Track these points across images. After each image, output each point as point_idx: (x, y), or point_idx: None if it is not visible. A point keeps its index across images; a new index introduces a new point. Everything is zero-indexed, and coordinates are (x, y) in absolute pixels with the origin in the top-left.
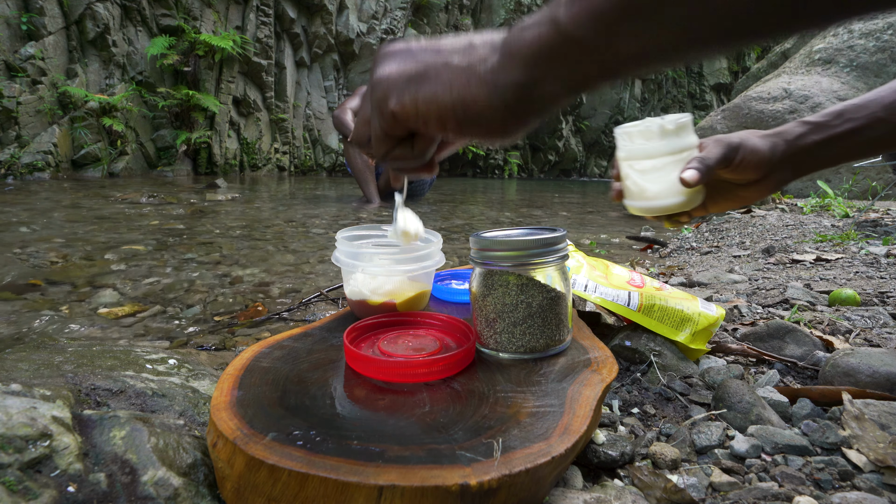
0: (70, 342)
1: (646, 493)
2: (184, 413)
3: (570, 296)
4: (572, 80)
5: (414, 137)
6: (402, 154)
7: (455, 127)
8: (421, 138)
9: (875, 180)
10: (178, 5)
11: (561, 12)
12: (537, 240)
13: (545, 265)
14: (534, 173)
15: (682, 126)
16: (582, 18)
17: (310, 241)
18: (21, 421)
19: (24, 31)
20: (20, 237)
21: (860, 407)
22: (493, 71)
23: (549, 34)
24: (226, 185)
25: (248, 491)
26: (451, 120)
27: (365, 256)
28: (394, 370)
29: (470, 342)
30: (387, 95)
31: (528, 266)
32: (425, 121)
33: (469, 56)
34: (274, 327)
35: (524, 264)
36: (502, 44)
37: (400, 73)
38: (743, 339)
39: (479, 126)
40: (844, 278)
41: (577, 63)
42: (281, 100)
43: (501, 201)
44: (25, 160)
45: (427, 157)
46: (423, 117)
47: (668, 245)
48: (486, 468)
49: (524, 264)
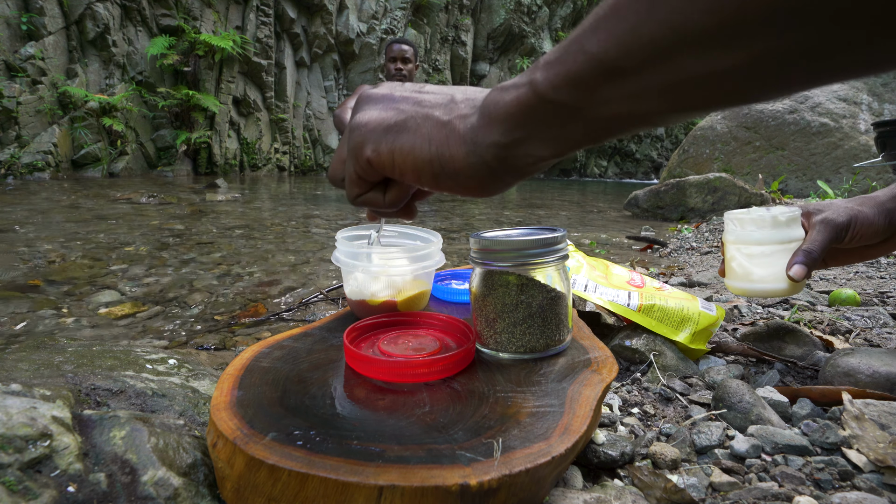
0: (70, 342)
1: (646, 493)
2: (184, 413)
3: (570, 296)
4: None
5: (388, 184)
6: (374, 199)
7: (431, 181)
8: (395, 186)
9: (875, 180)
10: (178, 5)
11: (538, 76)
12: (537, 240)
13: (545, 265)
14: None
15: (792, 219)
16: (558, 82)
17: (310, 241)
18: (21, 421)
19: (24, 31)
20: (20, 237)
21: (860, 407)
22: (472, 129)
23: (527, 97)
24: (226, 185)
25: (248, 491)
26: (427, 174)
27: (364, 256)
28: (393, 370)
29: (470, 342)
30: (364, 142)
31: (528, 266)
32: (401, 172)
33: (450, 112)
34: (274, 327)
35: (524, 264)
36: (482, 104)
37: (379, 120)
38: (743, 339)
39: (456, 182)
40: (844, 278)
41: (559, 126)
42: (281, 100)
43: (501, 201)
44: (25, 160)
45: (399, 204)
46: (398, 168)
47: (668, 245)
48: (486, 468)
49: (524, 264)
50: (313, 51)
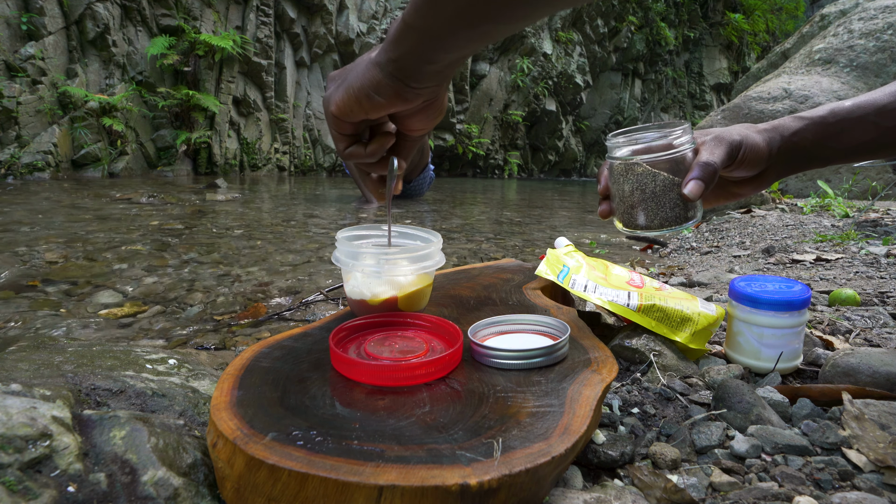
0: (70, 342)
1: (646, 493)
2: (184, 413)
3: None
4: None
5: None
6: (357, 151)
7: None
8: (375, 139)
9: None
10: (178, 5)
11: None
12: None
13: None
14: (534, 173)
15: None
16: (410, 8)
17: (310, 241)
18: (21, 421)
19: (24, 31)
20: (20, 237)
21: (860, 407)
22: (378, 57)
23: (398, 24)
24: (226, 185)
25: (248, 491)
26: (364, 99)
27: (364, 256)
28: (376, 374)
29: (457, 345)
30: (328, 102)
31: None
32: (350, 107)
33: (370, 55)
34: (274, 327)
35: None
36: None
37: (333, 84)
38: None
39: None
40: (844, 278)
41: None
42: (281, 100)
43: (501, 201)
44: (25, 160)
45: (377, 154)
46: (348, 105)
47: (668, 245)
48: (486, 468)
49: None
50: (313, 51)
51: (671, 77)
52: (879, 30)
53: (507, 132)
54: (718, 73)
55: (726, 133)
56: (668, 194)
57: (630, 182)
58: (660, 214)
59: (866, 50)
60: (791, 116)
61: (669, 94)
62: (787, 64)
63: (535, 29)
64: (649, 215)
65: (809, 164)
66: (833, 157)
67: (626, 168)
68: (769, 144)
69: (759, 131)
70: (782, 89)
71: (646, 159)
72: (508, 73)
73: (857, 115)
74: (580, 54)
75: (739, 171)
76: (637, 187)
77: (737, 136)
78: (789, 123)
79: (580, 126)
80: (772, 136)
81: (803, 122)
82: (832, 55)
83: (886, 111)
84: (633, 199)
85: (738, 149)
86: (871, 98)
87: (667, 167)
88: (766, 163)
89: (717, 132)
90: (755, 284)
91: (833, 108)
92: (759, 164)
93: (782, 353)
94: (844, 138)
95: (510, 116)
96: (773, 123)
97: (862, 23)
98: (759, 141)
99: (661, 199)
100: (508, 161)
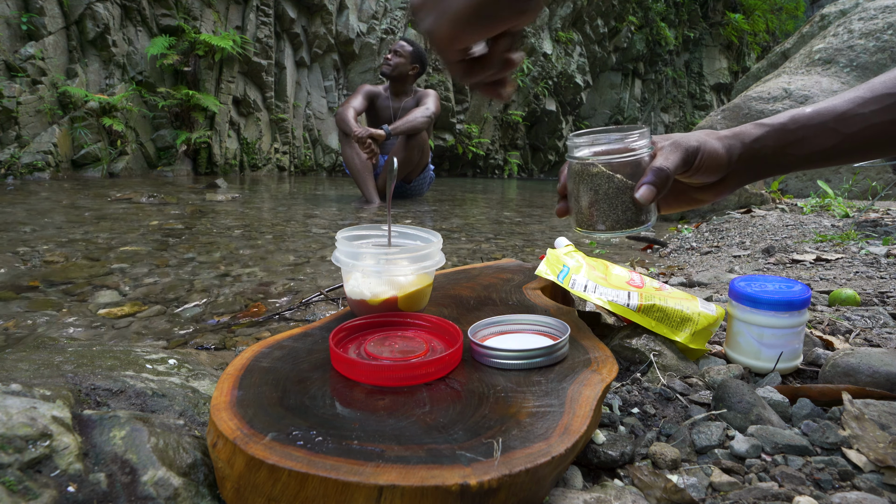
0: (70, 342)
1: (646, 493)
2: (184, 413)
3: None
4: None
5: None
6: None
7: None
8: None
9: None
10: (178, 5)
11: None
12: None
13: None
14: (534, 173)
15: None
16: None
17: (310, 241)
18: (21, 421)
19: (24, 31)
20: (20, 237)
21: (860, 407)
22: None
23: None
24: (226, 185)
25: (248, 491)
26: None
27: (364, 256)
28: (377, 373)
29: (457, 345)
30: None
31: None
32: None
33: None
34: (274, 327)
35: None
36: None
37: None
38: None
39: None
40: (844, 278)
41: None
42: (281, 100)
43: (501, 201)
44: (25, 160)
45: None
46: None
47: (668, 245)
48: (486, 468)
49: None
50: (313, 51)
51: (671, 77)
52: (879, 30)
53: (507, 132)
54: (718, 73)
55: (684, 139)
56: (620, 197)
57: (585, 182)
58: (611, 216)
59: (866, 50)
60: (752, 123)
61: (669, 94)
62: (787, 64)
63: (535, 29)
64: (602, 216)
65: (771, 170)
66: (794, 163)
67: (582, 168)
68: (729, 151)
69: (719, 138)
70: (782, 89)
71: (602, 160)
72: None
73: (816, 121)
74: (580, 54)
75: (698, 177)
76: (592, 188)
77: (694, 143)
78: (750, 130)
79: (580, 126)
80: (732, 142)
81: (764, 129)
82: (832, 55)
83: (846, 118)
84: (588, 199)
85: (695, 155)
86: (831, 105)
87: (623, 170)
88: (726, 169)
89: (676, 138)
90: (755, 284)
91: (794, 115)
92: (718, 171)
93: (782, 353)
94: (805, 145)
95: (510, 116)
96: (734, 130)
97: (862, 23)
98: (717, 147)
99: (614, 201)
100: (508, 161)
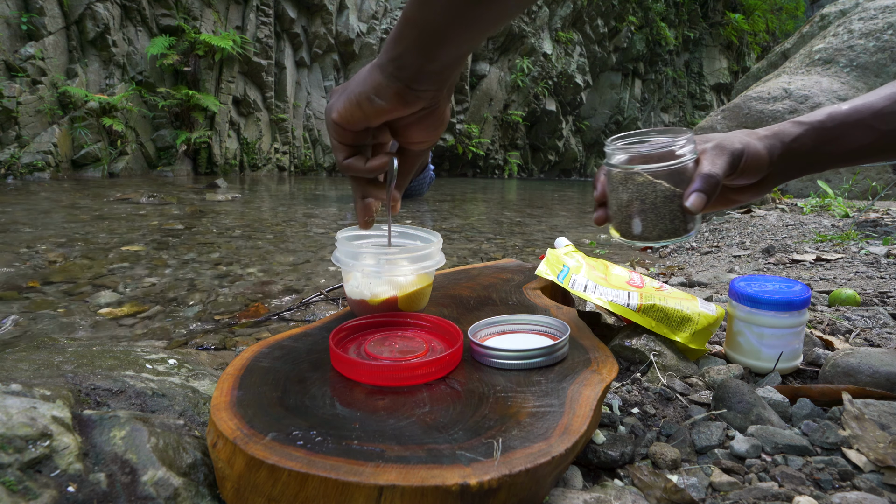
0: (70, 342)
1: (646, 493)
2: (184, 413)
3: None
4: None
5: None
6: (356, 164)
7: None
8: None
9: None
10: (178, 5)
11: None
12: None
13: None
14: (534, 173)
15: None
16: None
17: (310, 241)
18: (21, 421)
19: (24, 31)
20: (20, 237)
21: (860, 407)
22: (381, 59)
23: (399, 22)
24: (226, 185)
25: (248, 491)
26: (366, 103)
27: (364, 256)
28: (377, 373)
29: (457, 345)
30: (330, 110)
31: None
32: (351, 113)
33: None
34: (274, 327)
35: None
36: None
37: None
38: None
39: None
40: (844, 278)
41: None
42: (281, 100)
43: (501, 201)
44: (25, 160)
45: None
46: (350, 112)
47: (668, 245)
48: (486, 468)
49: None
50: (313, 51)
51: (671, 77)
52: (879, 30)
53: (507, 132)
54: (718, 73)
55: (727, 141)
56: (668, 206)
57: (629, 191)
58: (658, 226)
59: (866, 50)
60: (790, 122)
61: (669, 94)
62: (787, 64)
63: (535, 29)
64: (647, 226)
65: (808, 168)
66: (832, 161)
67: (625, 177)
68: (770, 151)
69: (759, 138)
70: (782, 89)
71: (647, 169)
72: (508, 73)
73: (854, 118)
74: (580, 54)
75: (740, 180)
76: (636, 197)
77: (738, 145)
78: (789, 129)
79: (580, 126)
80: (772, 142)
81: (803, 128)
82: (832, 55)
83: (883, 115)
84: (632, 209)
85: (740, 158)
86: (868, 101)
87: (668, 177)
88: (767, 170)
89: (719, 140)
90: (755, 284)
91: (831, 113)
92: (759, 172)
93: (782, 353)
94: (843, 143)
95: (510, 116)
96: (772, 129)
97: (862, 23)
98: (760, 148)
99: (661, 210)
100: (508, 161)
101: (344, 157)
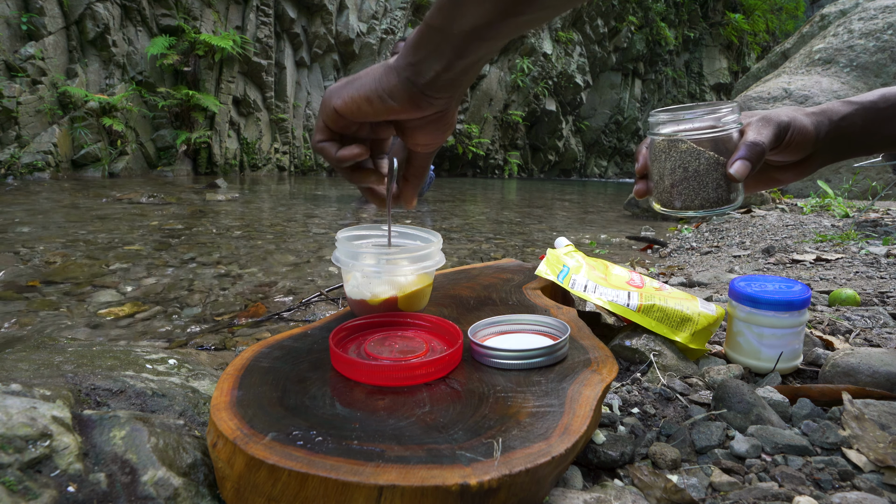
0: (70, 342)
1: (646, 493)
2: (184, 413)
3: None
4: (440, 55)
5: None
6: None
7: (380, 105)
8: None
9: (875, 180)
10: (178, 5)
11: (428, 12)
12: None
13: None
14: (534, 173)
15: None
16: (433, 10)
17: (310, 241)
18: (21, 421)
19: (24, 31)
20: (20, 237)
21: (860, 407)
22: (397, 62)
23: (420, 27)
24: (226, 185)
25: (248, 491)
26: (376, 101)
27: (364, 256)
28: (377, 373)
29: (457, 345)
30: (332, 96)
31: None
32: (358, 107)
33: (390, 60)
34: (274, 327)
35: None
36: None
37: (343, 82)
38: None
39: (396, 101)
40: (844, 278)
41: (438, 45)
42: (281, 100)
43: (501, 201)
44: (25, 160)
45: (346, 162)
46: (356, 105)
47: (668, 245)
48: (486, 468)
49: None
50: (313, 51)
51: (671, 77)
52: (879, 30)
53: (507, 132)
54: (718, 73)
55: (774, 114)
56: (711, 174)
57: (672, 159)
58: (701, 194)
59: (866, 50)
60: (839, 101)
61: (669, 94)
62: (787, 64)
63: (535, 29)
64: (690, 195)
65: (855, 150)
66: (880, 143)
67: (668, 145)
68: (817, 128)
69: (807, 114)
70: (782, 89)
71: (691, 136)
72: (508, 73)
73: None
74: (580, 54)
75: (785, 155)
76: (679, 165)
77: (785, 118)
78: (838, 108)
79: (580, 126)
80: (820, 119)
81: (853, 107)
82: (832, 55)
83: None
84: (675, 177)
85: (786, 130)
86: None
87: (711, 146)
88: (813, 147)
89: (764, 113)
90: (755, 284)
91: (884, 94)
92: (805, 149)
93: (782, 353)
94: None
95: (510, 116)
96: (821, 107)
97: (862, 23)
98: (807, 124)
99: (704, 178)
100: (508, 161)
101: (320, 140)
